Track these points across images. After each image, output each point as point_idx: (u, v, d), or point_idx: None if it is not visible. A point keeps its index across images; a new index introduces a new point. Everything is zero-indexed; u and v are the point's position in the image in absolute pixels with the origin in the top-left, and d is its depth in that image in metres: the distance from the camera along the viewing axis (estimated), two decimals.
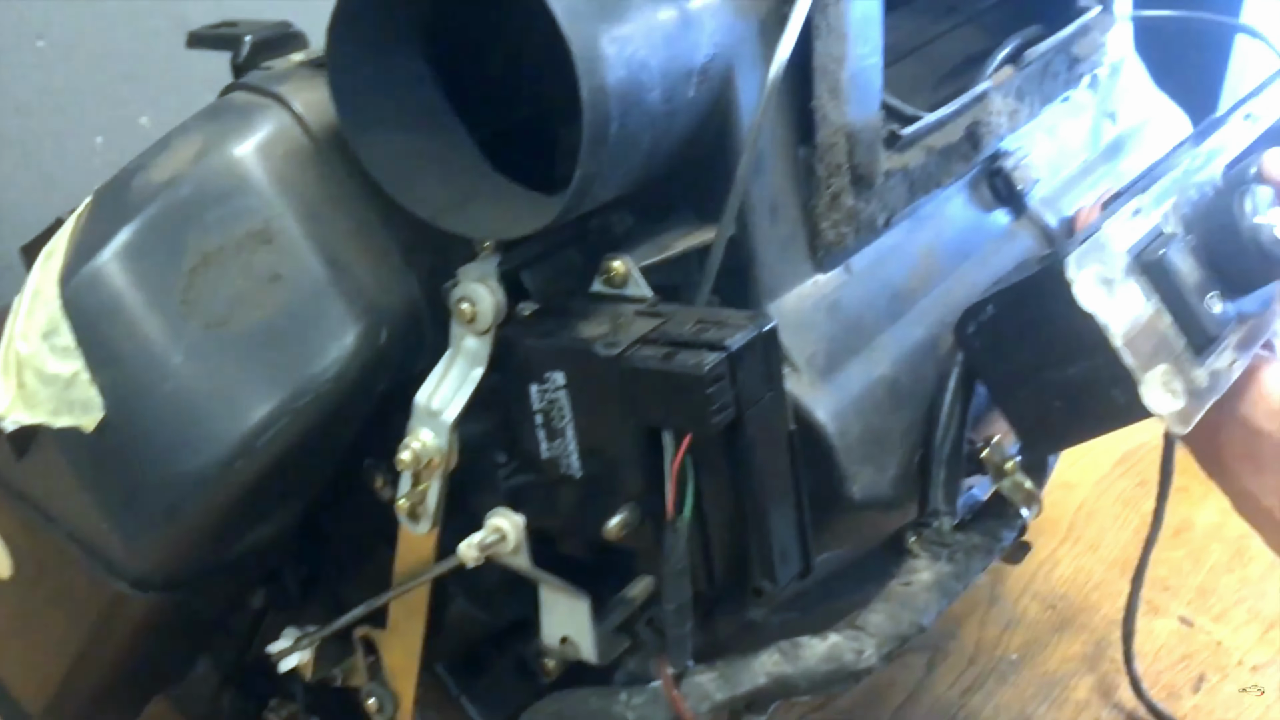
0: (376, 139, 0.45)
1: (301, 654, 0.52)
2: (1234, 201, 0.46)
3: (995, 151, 0.60)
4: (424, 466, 0.45)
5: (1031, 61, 0.61)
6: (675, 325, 0.42)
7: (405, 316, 0.46)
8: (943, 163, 0.56)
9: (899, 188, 0.53)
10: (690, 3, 0.43)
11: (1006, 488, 0.53)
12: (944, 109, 0.54)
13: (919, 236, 0.55)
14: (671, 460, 0.41)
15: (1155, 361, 0.44)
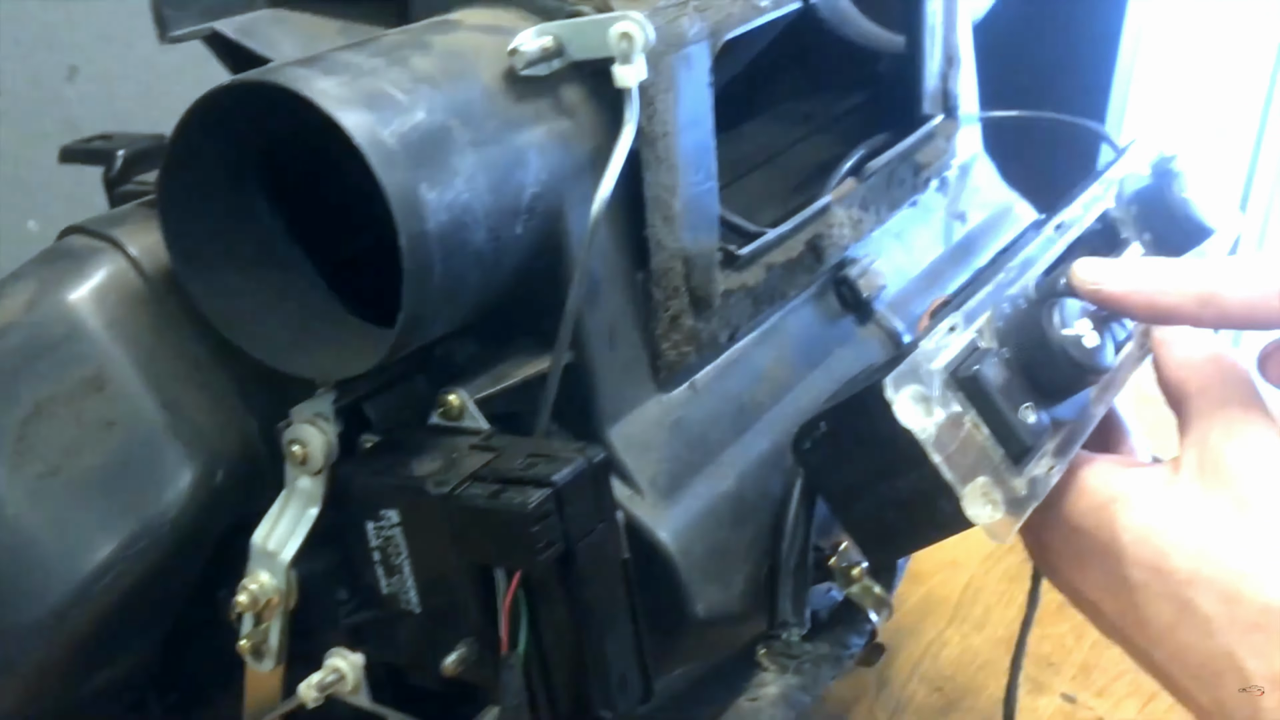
0: (211, 280, 0.45)
1: None
2: (1044, 314, 0.48)
3: (841, 260, 0.62)
4: (263, 607, 0.45)
5: (874, 173, 0.63)
6: (506, 460, 0.43)
7: (242, 457, 0.46)
8: (787, 276, 0.57)
9: (742, 304, 0.54)
10: (515, 143, 0.44)
11: (855, 594, 0.54)
12: (784, 225, 0.56)
13: (765, 349, 0.57)
14: (504, 597, 0.42)
15: (974, 474, 0.45)
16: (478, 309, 0.46)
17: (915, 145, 0.66)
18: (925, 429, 0.44)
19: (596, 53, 0.44)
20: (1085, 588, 0.49)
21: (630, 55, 0.44)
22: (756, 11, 0.52)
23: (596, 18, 0.44)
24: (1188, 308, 0.47)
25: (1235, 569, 0.45)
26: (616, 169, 0.44)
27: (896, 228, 0.67)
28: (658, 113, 0.48)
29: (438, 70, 0.43)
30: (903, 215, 0.68)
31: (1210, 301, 0.47)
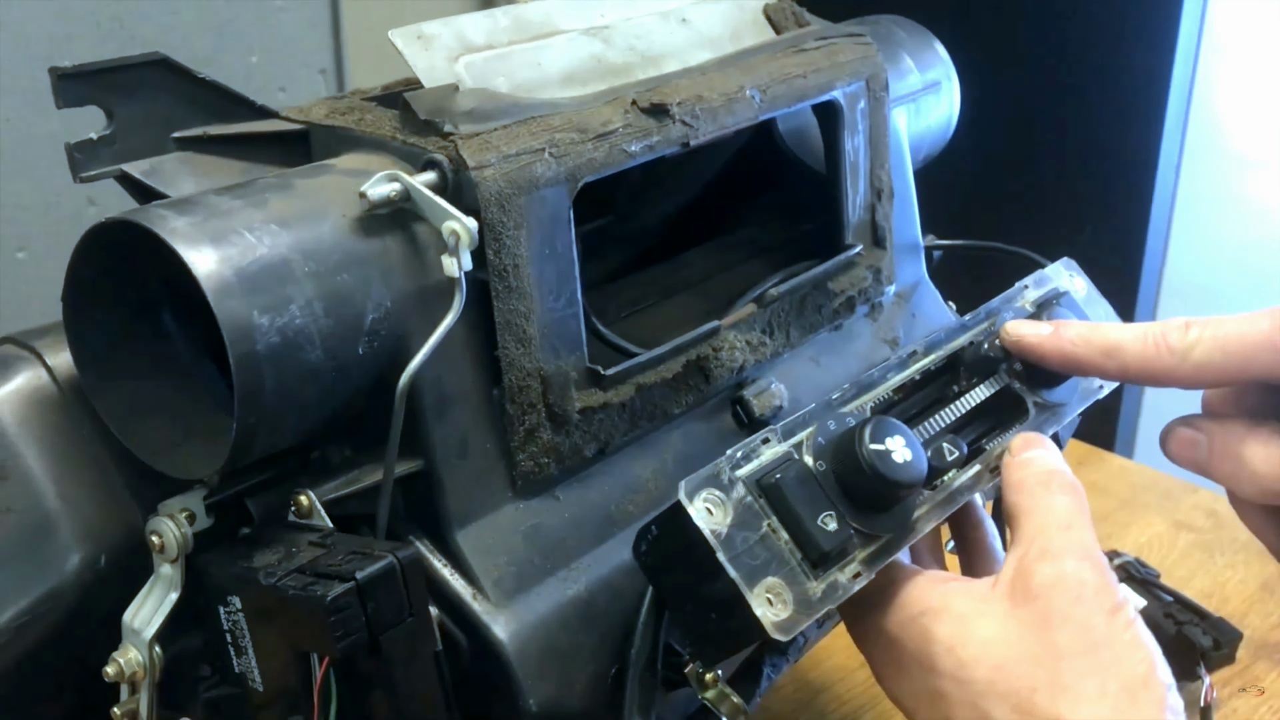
0: (109, 388, 0.52)
1: None
2: (859, 432, 0.51)
3: (740, 380, 0.66)
4: (129, 678, 0.51)
5: (776, 300, 0.67)
6: (330, 556, 0.48)
7: (125, 546, 0.52)
8: (669, 394, 0.61)
9: (612, 420, 0.59)
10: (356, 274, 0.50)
11: (710, 699, 0.57)
12: (660, 348, 0.60)
13: (644, 462, 0.61)
14: (314, 678, 0.46)
15: (764, 575, 0.48)
16: (327, 419, 0.51)
17: (827, 273, 0.70)
18: (715, 529, 0.48)
19: (436, 223, 0.50)
20: (901, 695, 0.52)
21: (457, 249, 0.49)
22: (624, 156, 0.57)
23: (434, 201, 0.50)
24: (1094, 359, 0.56)
25: (1028, 684, 0.48)
26: (436, 339, 0.49)
27: (812, 352, 0.71)
28: (506, 247, 0.53)
29: (290, 210, 0.50)
30: (822, 340, 0.72)
31: (1113, 354, 0.55)
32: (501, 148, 0.53)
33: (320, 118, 0.57)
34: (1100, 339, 0.56)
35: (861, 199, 0.73)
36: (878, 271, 0.74)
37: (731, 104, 0.63)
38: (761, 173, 0.82)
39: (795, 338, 0.69)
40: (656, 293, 0.72)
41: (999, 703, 0.48)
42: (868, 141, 0.73)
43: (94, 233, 0.49)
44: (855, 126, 0.72)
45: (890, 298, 0.77)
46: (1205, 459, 0.55)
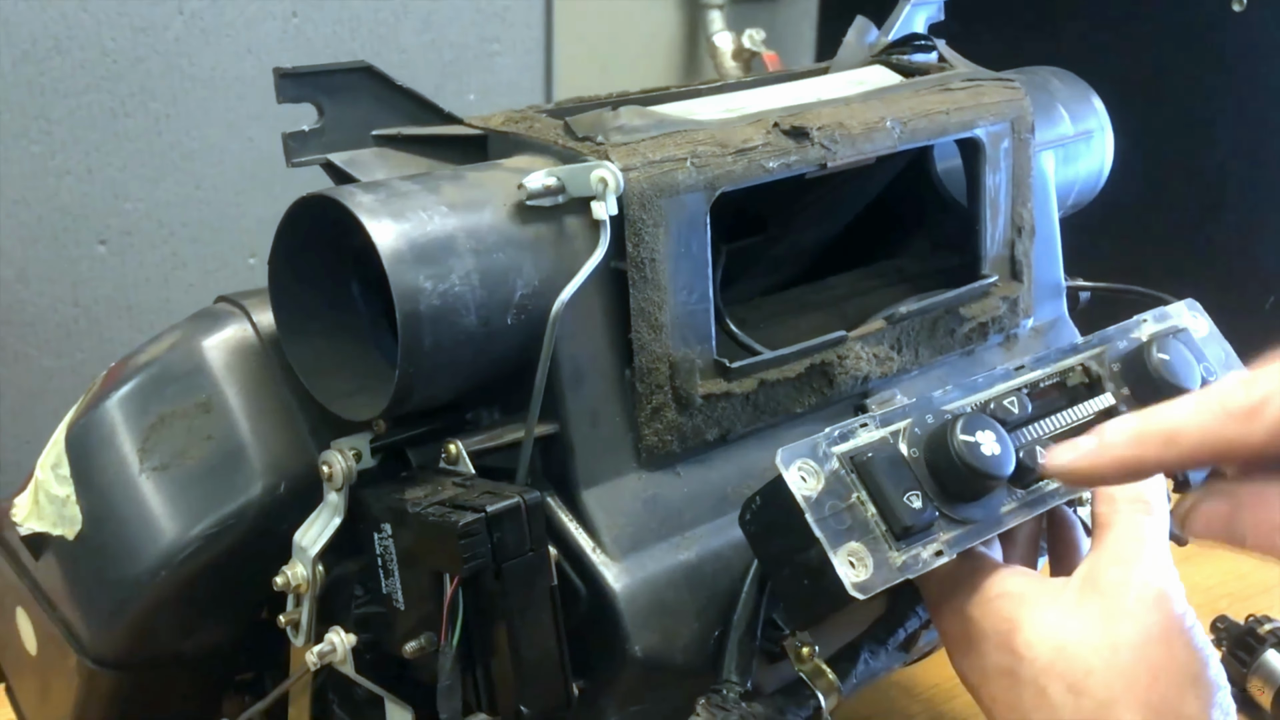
0: (300, 343, 0.61)
1: None
2: (952, 427, 0.56)
3: (864, 390, 0.71)
4: (294, 590, 0.59)
5: (905, 318, 0.72)
6: (468, 494, 0.55)
7: (302, 477, 0.61)
8: (792, 394, 0.67)
9: (735, 410, 0.64)
10: (510, 254, 0.57)
11: (806, 673, 0.62)
12: (785, 350, 0.66)
13: (764, 453, 0.66)
14: (445, 597, 0.54)
15: (848, 539, 0.53)
16: (476, 382, 0.59)
17: (960, 298, 0.74)
18: (807, 495, 0.54)
19: (585, 192, 0.58)
20: (970, 671, 0.56)
21: (604, 195, 0.57)
22: (762, 171, 0.64)
23: (585, 165, 0.58)
24: (1156, 454, 0.48)
25: (1084, 666, 0.51)
26: (581, 279, 0.56)
27: (941, 373, 0.75)
28: (645, 242, 0.60)
29: (459, 197, 0.58)
30: (952, 362, 0.76)
31: (1174, 440, 0.47)
32: (648, 155, 0.60)
33: (497, 125, 0.65)
34: (1156, 428, 0.48)
35: (1001, 234, 0.77)
36: (1013, 303, 0.78)
37: (871, 133, 0.68)
38: (914, 208, 0.87)
39: (924, 357, 0.74)
40: (794, 309, 0.78)
41: (1056, 681, 0.52)
42: (1010, 179, 0.77)
43: (297, 207, 0.58)
44: (997, 164, 0.76)
45: (1027, 331, 0.80)
46: (1241, 531, 0.48)
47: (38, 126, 1.39)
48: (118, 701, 0.65)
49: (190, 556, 0.60)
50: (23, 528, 0.64)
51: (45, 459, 0.63)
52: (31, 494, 0.64)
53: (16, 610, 0.70)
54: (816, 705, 0.61)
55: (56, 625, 0.65)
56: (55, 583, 0.64)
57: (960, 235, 0.83)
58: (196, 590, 0.61)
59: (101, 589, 0.61)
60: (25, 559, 0.67)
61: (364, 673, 0.59)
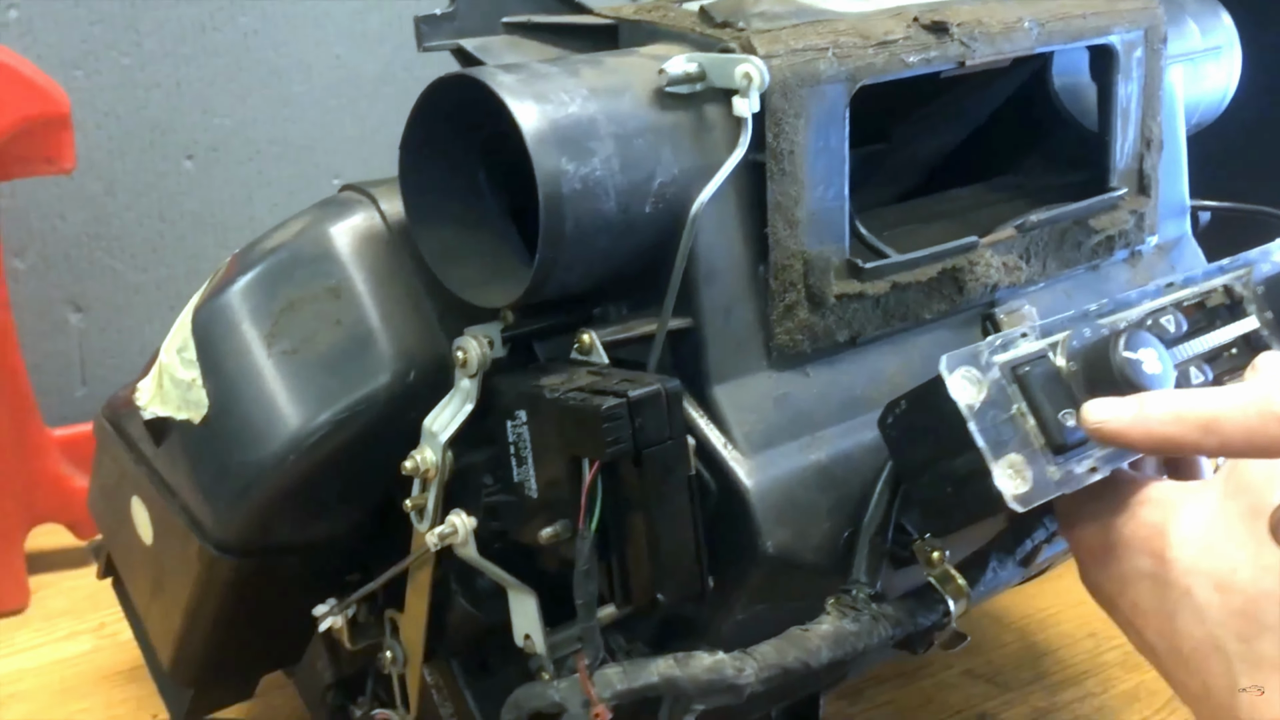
0: (430, 231, 0.60)
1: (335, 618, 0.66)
2: (1114, 341, 0.55)
3: (992, 299, 0.69)
4: (422, 475, 0.59)
5: (1035, 226, 0.70)
6: (606, 381, 0.54)
7: (432, 365, 0.60)
8: (922, 299, 0.65)
9: (866, 312, 0.63)
10: (650, 140, 0.56)
11: (935, 577, 0.61)
12: (917, 253, 0.65)
13: (892, 358, 0.65)
14: (585, 482, 0.53)
15: (1009, 451, 0.52)
16: (614, 269, 0.58)
17: (1090, 209, 0.72)
18: (968, 402, 0.52)
19: (727, 84, 0.56)
20: (1106, 581, 0.55)
21: (749, 91, 0.55)
22: (902, 65, 0.62)
23: (729, 56, 0.56)
24: (1190, 437, 0.50)
25: (1230, 564, 0.50)
26: (722, 177, 0.55)
27: (1067, 286, 0.73)
28: (784, 133, 0.58)
29: (600, 81, 0.56)
30: (1078, 276, 0.74)
31: (1212, 429, 0.50)
32: (789, 43, 0.59)
33: (629, 14, 0.64)
34: (1196, 413, 0.50)
35: (1130, 146, 0.75)
36: (1140, 217, 0.76)
37: (1009, 32, 0.66)
38: (1032, 124, 0.85)
39: (1052, 269, 0.72)
40: (917, 217, 0.76)
41: (1202, 579, 0.50)
42: (1141, 90, 0.75)
43: (433, 88, 0.57)
44: (1130, 73, 0.74)
45: (1150, 249, 0.78)
46: None
47: (127, 39, 1.39)
48: (235, 590, 0.65)
49: (318, 442, 0.60)
50: (146, 412, 0.64)
51: (170, 343, 0.63)
52: (155, 378, 0.64)
53: (132, 500, 0.70)
54: (945, 611, 0.60)
55: (177, 512, 0.65)
56: (177, 469, 0.64)
57: (1076, 152, 0.81)
58: (322, 477, 0.61)
59: (227, 474, 0.61)
60: (145, 446, 0.67)
61: (488, 560, 0.58)
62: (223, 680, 0.75)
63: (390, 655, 0.66)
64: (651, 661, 0.55)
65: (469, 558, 0.58)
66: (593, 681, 0.55)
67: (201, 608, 0.66)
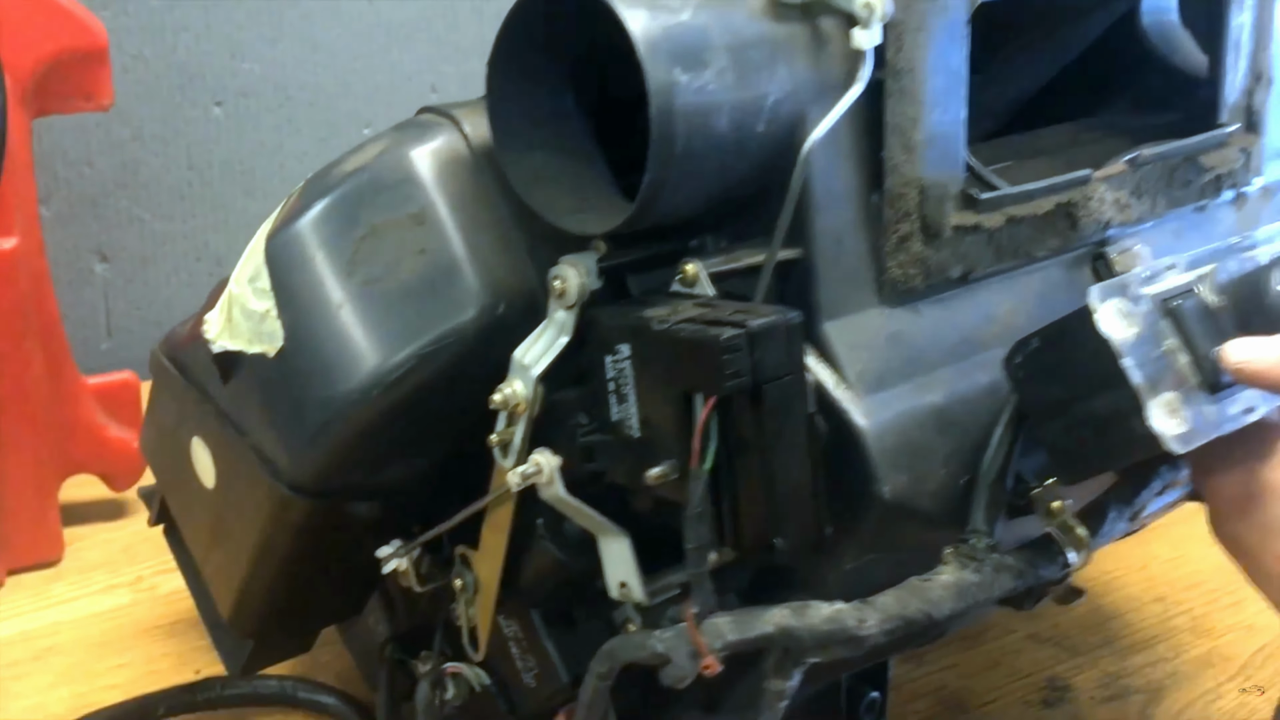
0: (519, 156, 0.56)
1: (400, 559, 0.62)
2: (1266, 273, 0.51)
3: (1103, 238, 0.65)
4: (511, 409, 0.55)
5: (1147, 162, 0.66)
6: (717, 312, 0.50)
7: (522, 297, 0.56)
8: (1033, 235, 0.62)
9: (980, 247, 0.59)
10: (764, 54, 0.52)
11: (1055, 529, 0.57)
12: (1032, 184, 0.61)
13: (1003, 296, 0.61)
14: (698, 419, 0.49)
15: (1164, 389, 0.49)
16: (721, 194, 0.54)
17: (1202, 145, 0.69)
18: (1121, 337, 0.49)
19: (846, 6, 0.52)
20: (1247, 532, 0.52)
21: (869, 22, 0.51)
22: None
23: None
24: None
25: None
26: (840, 111, 0.51)
27: (1175, 226, 0.70)
28: (904, 49, 0.54)
29: None
30: (1185, 217, 0.70)
31: None
32: None
33: None
34: None
35: (1241, 81, 0.71)
36: (1248, 156, 0.72)
37: None
38: (1121, 65, 0.81)
39: (1160, 207, 0.68)
40: (1016, 154, 0.72)
41: None
42: (1255, 22, 0.71)
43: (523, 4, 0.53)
44: (1243, 3, 0.70)
45: (1256, 191, 0.74)
46: None
47: None
48: (305, 534, 0.62)
49: (402, 378, 0.56)
50: (215, 346, 0.60)
51: (241, 272, 0.59)
52: (224, 310, 0.60)
53: (193, 441, 0.66)
54: (1065, 563, 0.57)
55: (246, 453, 0.61)
56: (248, 407, 0.61)
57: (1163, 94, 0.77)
58: (403, 414, 0.57)
59: (303, 411, 0.58)
60: (210, 384, 0.63)
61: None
62: (284, 632, 0.71)
63: (461, 584, 0.62)
64: (765, 611, 0.52)
65: (555, 498, 0.55)
66: (701, 631, 0.52)
67: (269, 553, 0.63)
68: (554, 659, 0.62)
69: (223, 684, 0.86)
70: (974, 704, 0.91)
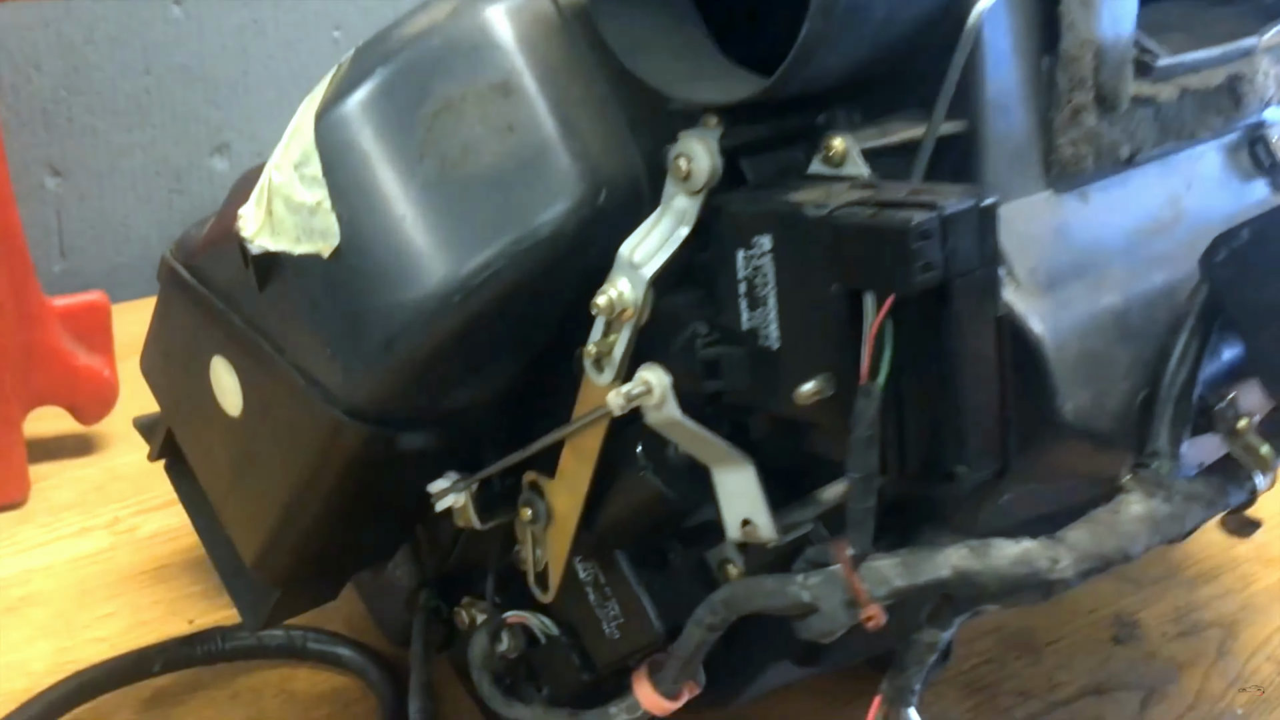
0: (617, 15, 0.47)
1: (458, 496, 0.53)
2: None
3: (1260, 120, 0.57)
4: (616, 315, 0.46)
5: None
6: (887, 194, 0.42)
7: (625, 184, 0.47)
8: (1198, 111, 0.53)
9: (1147, 123, 0.51)
10: None
11: (1238, 449, 0.50)
12: (1201, 52, 0.52)
13: (1166, 184, 0.53)
14: (871, 323, 0.41)
15: None
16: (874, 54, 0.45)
17: None
18: None
19: None
20: None
21: None
22: None
23: None
24: None
25: None
26: None
27: None
28: None
29: None
30: None
31: None
32: None
33: None
34: None
35: None
36: None
37: None
38: None
39: None
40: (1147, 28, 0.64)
41: None
42: None
43: None
44: None
45: None
46: None
47: None
48: (357, 466, 0.52)
49: (485, 282, 0.47)
50: (253, 245, 0.50)
51: (283, 157, 0.49)
52: (262, 203, 0.50)
53: (213, 362, 0.57)
54: (1253, 488, 0.49)
55: (287, 373, 0.51)
56: (292, 318, 0.51)
57: None
58: (484, 325, 0.48)
59: (364, 322, 0.48)
60: (240, 293, 0.54)
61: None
62: (317, 578, 0.62)
63: (530, 513, 0.54)
64: (939, 552, 0.44)
65: (666, 422, 0.46)
66: (861, 576, 0.43)
67: (311, 489, 0.53)
68: (646, 607, 0.54)
69: (224, 635, 0.78)
70: (1040, 643, 0.85)
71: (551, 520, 0.54)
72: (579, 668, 0.58)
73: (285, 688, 0.77)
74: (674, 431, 0.48)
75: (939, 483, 0.43)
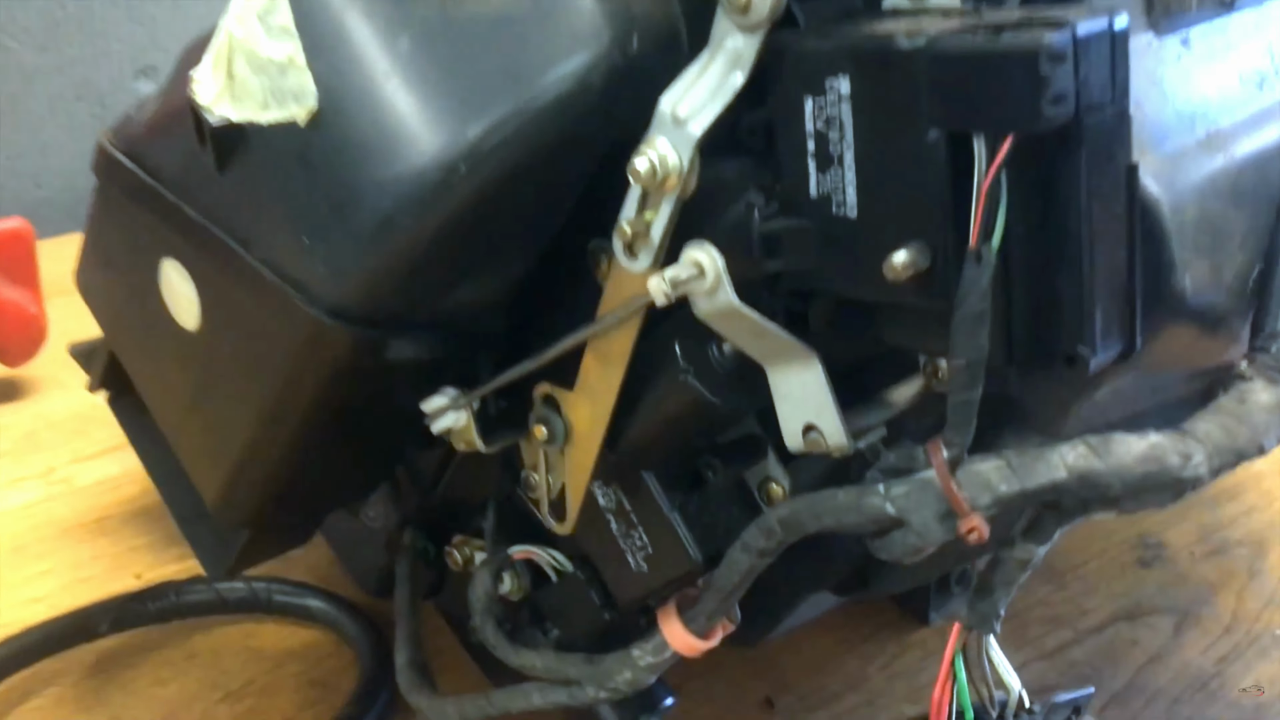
0: None
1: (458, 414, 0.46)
2: None
3: None
4: (656, 185, 0.38)
5: None
6: (992, 18, 0.34)
7: (662, 30, 0.40)
8: None
9: None
10: None
11: None
12: None
13: (1264, 34, 0.47)
14: (984, 173, 0.33)
15: None
16: None
17: None
18: None
19: None
20: None
21: None
22: None
23: None
24: None
25: None
26: None
27: None
28: None
29: None
30: None
31: None
32: None
33: None
34: None
35: None
36: None
37: None
38: None
39: None
40: None
41: None
42: None
43: None
44: None
45: None
46: None
47: None
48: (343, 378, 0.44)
49: (497, 147, 0.39)
50: (212, 115, 0.41)
51: (244, 6, 0.41)
52: (221, 64, 0.41)
53: (162, 265, 0.48)
54: None
55: (254, 271, 0.43)
56: (261, 205, 0.43)
57: None
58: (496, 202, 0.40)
59: (350, 202, 0.40)
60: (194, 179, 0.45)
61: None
62: (288, 519, 0.54)
63: (545, 432, 0.46)
64: (1051, 450, 0.37)
65: (723, 311, 0.39)
66: (959, 484, 0.37)
67: (286, 408, 0.45)
68: (681, 535, 0.47)
69: (178, 589, 0.70)
70: (1065, 568, 0.80)
71: (570, 439, 0.47)
72: (599, 605, 0.51)
73: (249, 644, 0.70)
74: (728, 323, 0.40)
75: (1057, 367, 0.36)
